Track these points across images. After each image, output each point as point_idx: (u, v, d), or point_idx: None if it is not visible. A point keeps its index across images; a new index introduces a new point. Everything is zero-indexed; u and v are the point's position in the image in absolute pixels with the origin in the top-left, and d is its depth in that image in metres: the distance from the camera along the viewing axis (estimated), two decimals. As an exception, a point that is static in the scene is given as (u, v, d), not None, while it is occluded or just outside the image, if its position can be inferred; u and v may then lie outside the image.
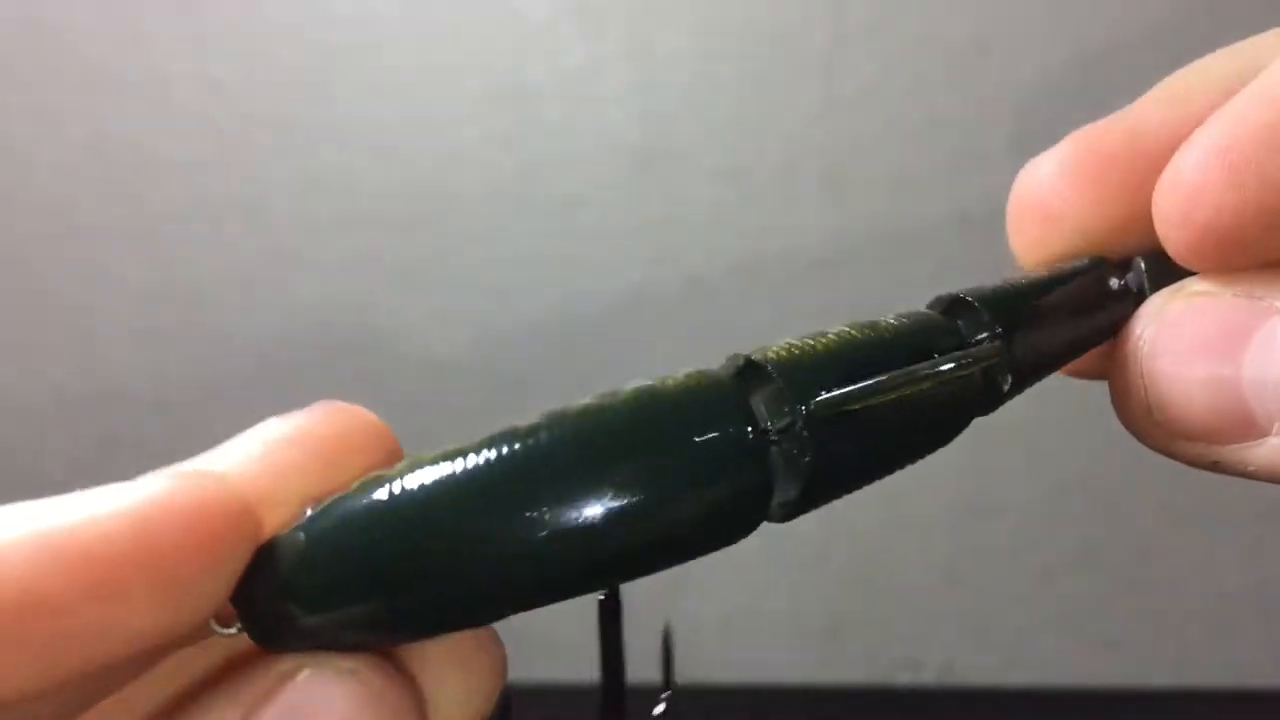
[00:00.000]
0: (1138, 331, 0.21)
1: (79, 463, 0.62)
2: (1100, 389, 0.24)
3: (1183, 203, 0.22)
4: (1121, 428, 0.22)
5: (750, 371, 0.16)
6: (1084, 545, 0.61)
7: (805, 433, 0.16)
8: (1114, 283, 0.22)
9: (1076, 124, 0.25)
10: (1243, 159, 0.22)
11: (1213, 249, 0.22)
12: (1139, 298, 0.22)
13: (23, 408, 0.62)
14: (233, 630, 0.16)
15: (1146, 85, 0.23)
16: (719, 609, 0.62)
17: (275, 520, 0.16)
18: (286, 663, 0.16)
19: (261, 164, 0.59)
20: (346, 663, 0.16)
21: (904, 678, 0.63)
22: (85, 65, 0.58)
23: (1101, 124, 0.23)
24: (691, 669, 0.63)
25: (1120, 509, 0.60)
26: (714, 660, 0.63)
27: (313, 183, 0.59)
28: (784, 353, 0.16)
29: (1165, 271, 0.22)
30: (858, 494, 0.19)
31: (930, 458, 0.19)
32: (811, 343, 0.17)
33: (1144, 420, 0.20)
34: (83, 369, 0.62)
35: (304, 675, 0.16)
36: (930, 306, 0.20)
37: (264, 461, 0.17)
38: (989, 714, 0.64)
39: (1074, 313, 0.21)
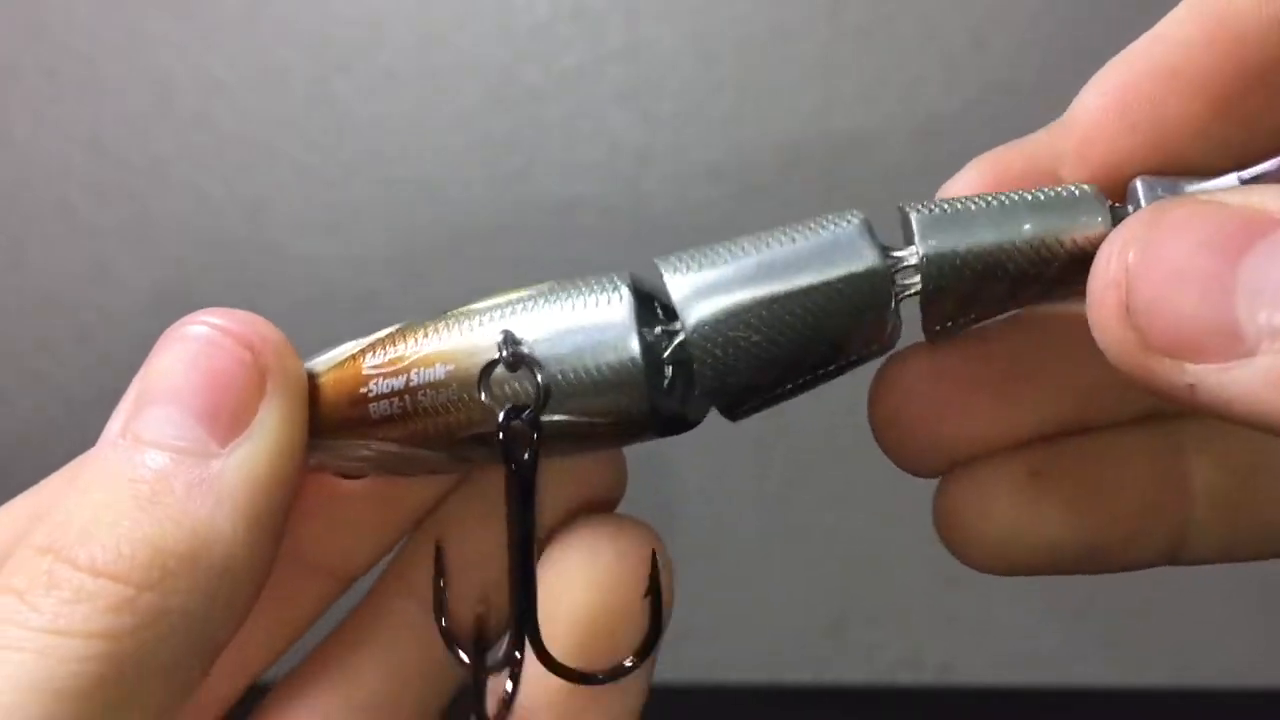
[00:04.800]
0: (1129, 233, 0.19)
1: (79, 463, 0.62)
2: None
3: (1079, 143, 0.23)
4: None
5: None
6: (1084, 545, 0.61)
7: None
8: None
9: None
10: (1137, 98, 0.22)
11: (1109, 187, 0.22)
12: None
13: (23, 409, 0.62)
14: None
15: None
16: (719, 608, 0.62)
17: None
18: None
19: (261, 164, 0.58)
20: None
21: (904, 678, 0.63)
22: (85, 65, 0.58)
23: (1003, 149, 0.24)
24: (692, 669, 0.63)
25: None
26: (714, 660, 0.63)
27: (313, 183, 0.59)
28: None
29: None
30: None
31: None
32: None
33: (1119, 328, 0.19)
34: (83, 369, 0.62)
35: None
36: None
37: None
38: (989, 714, 0.64)
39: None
